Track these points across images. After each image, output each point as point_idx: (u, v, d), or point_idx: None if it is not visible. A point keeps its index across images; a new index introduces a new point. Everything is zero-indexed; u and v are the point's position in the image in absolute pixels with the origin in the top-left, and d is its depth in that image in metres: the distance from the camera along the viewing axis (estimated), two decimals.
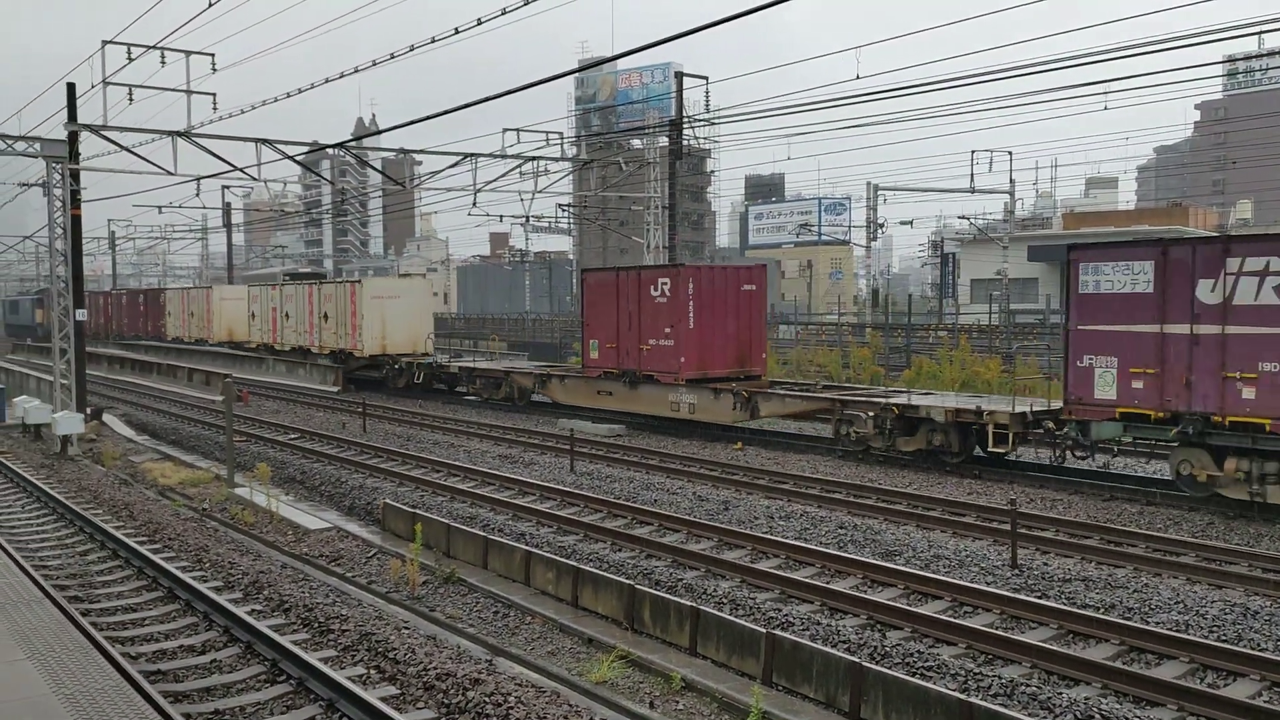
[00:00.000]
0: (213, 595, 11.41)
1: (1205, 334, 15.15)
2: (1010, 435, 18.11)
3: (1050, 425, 17.68)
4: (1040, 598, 11.37)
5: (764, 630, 9.78)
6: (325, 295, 40.03)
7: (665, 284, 25.26)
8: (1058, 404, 17.57)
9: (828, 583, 12.16)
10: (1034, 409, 18.22)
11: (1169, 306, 15.59)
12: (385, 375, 36.22)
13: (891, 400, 20.61)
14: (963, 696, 8.17)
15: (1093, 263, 16.50)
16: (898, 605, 11.03)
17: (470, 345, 54.10)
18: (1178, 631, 10.21)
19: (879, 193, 51.26)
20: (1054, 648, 9.69)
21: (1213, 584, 11.98)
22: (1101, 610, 10.95)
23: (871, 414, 20.32)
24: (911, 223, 57.53)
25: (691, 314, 24.66)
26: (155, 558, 13.16)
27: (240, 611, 10.81)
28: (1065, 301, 17.38)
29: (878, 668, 8.91)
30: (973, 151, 47.32)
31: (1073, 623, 10.41)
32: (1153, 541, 13.55)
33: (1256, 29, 23.28)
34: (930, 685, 8.48)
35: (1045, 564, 12.87)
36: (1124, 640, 9.98)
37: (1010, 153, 49.52)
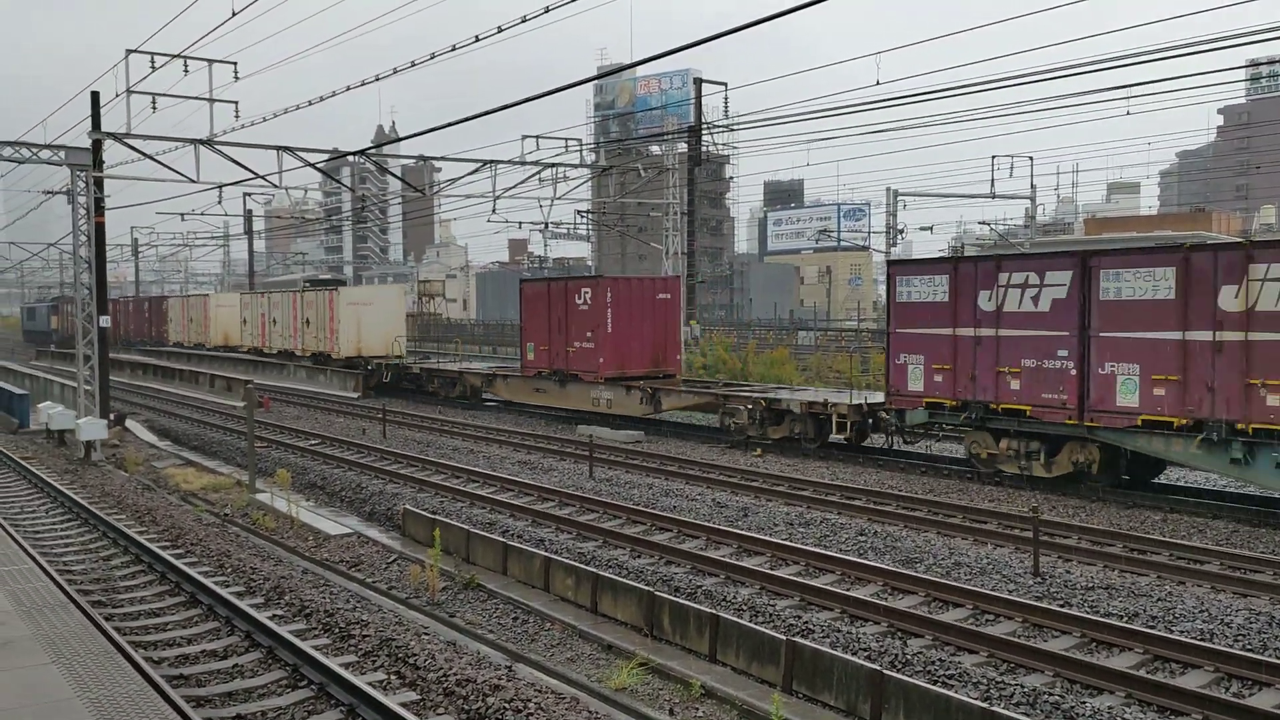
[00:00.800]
0: (234, 600, 11.47)
1: (985, 336, 18.45)
2: (849, 424, 21.44)
3: (883, 415, 20.89)
4: (1063, 606, 11.29)
5: (784, 637, 9.75)
6: (307, 302, 43.29)
7: (587, 293, 28.29)
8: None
9: (848, 590, 12.12)
10: (869, 401, 21.51)
11: (959, 313, 18.84)
12: (360, 374, 38.13)
13: (762, 395, 23.93)
14: (985, 705, 8.12)
15: (907, 275, 20.02)
16: (919, 613, 10.98)
17: (491, 351, 54.34)
18: (1202, 640, 10.12)
19: (899, 198, 51.15)
20: (1077, 656, 9.62)
21: (1237, 592, 11.87)
22: (1124, 619, 10.87)
23: (747, 407, 23.68)
24: (932, 228, 57.42)
25: (609, 320, 27.64)
26: (178, 563, 13.24)
27: (262, 616, 10.87)
28: (888, 309, 20.67)
29: (899, 676, 8.87)
30: (993, 156, 47.22)
31: (1096, 631, 10.34)
32: (1176, 549, 13.44)
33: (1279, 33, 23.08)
34: (952, 694, 8.43)
35: (1068, 572, 12.79)
36: (1148, 649, 9.90)
37: (1031, 158, 49.42)
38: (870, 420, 21.57)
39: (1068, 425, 17.25)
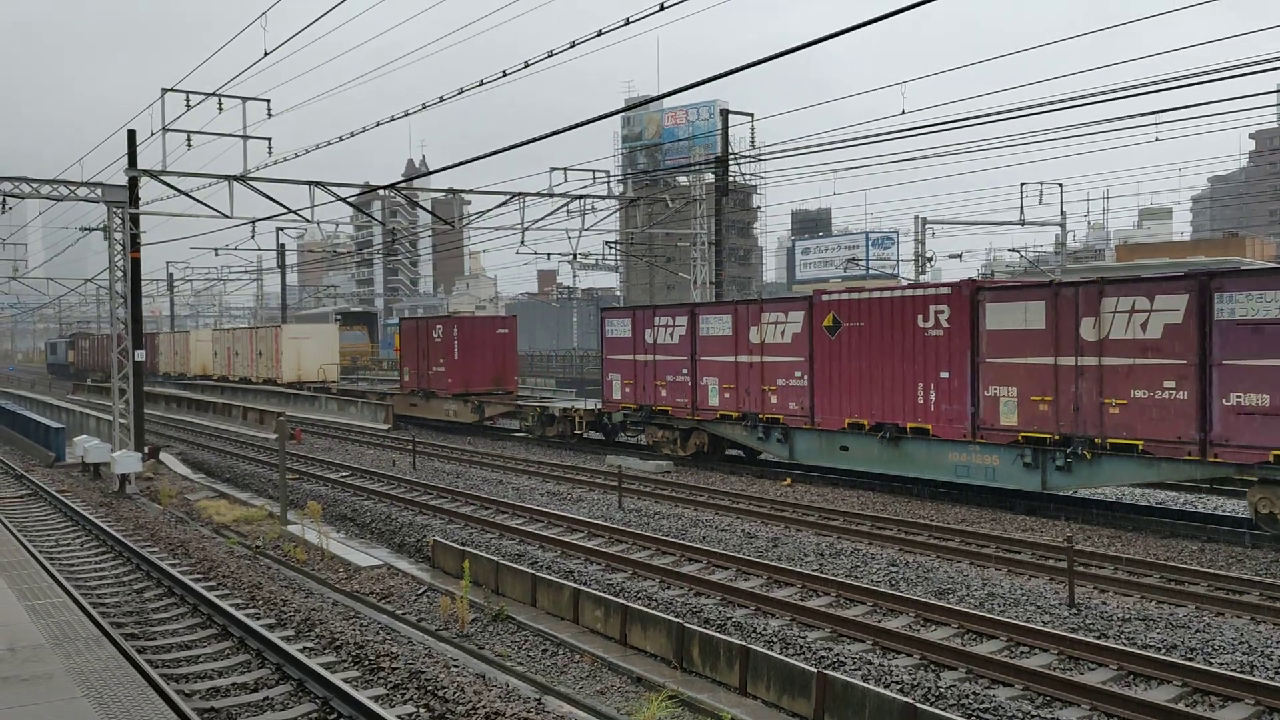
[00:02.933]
0: (265, 633, 11.51)
1: (660, 360, 26.44)
2: (585, 423, 29.95)
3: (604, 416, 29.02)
4: (1099, 637, 11.12)
5: (815, 669, 9.65)
6: (260, 337, 52.62)
7: (440, 329, 36.84)
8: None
9: (879, 621, 12.00)
10: (599, 407, 29.06)
11: (637, 346, 27.29)
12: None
13: (540, 404, 32.25)
14: None
15: (609, 318, 28.60)
16: (952, 645, 10.84)
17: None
18: (1242, 673, 9.93)
19: (927, 226, 50.98)
20: (1114, 689, 9.46)
21: (1278, 624, 11.64)
22: (1162, 650, 10.69)
23: (533, 413, 31.92)
24: (961, 256, 56.79)
25: (455, 350, 36.18)
26: (210, 595, 13.32)
27: (292, 649, 10.89)
28: (600, 345, 29.24)
29: (932, 709, 8.75)
30: (1022, 183, 46.90)
31: (1133, 663, 10.17)
32: (1214, 580, 13.21)
33: None
34: None
35: (1104, 603, 12.60)
36: (1186, 681, 9.72)
37: (1061, 184, 49.01)
38: (601, 419, 29.34)
39: (690, 420, 25.71)
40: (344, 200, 30.04)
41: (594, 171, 36.33)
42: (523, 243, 36.64)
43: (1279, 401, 14.75)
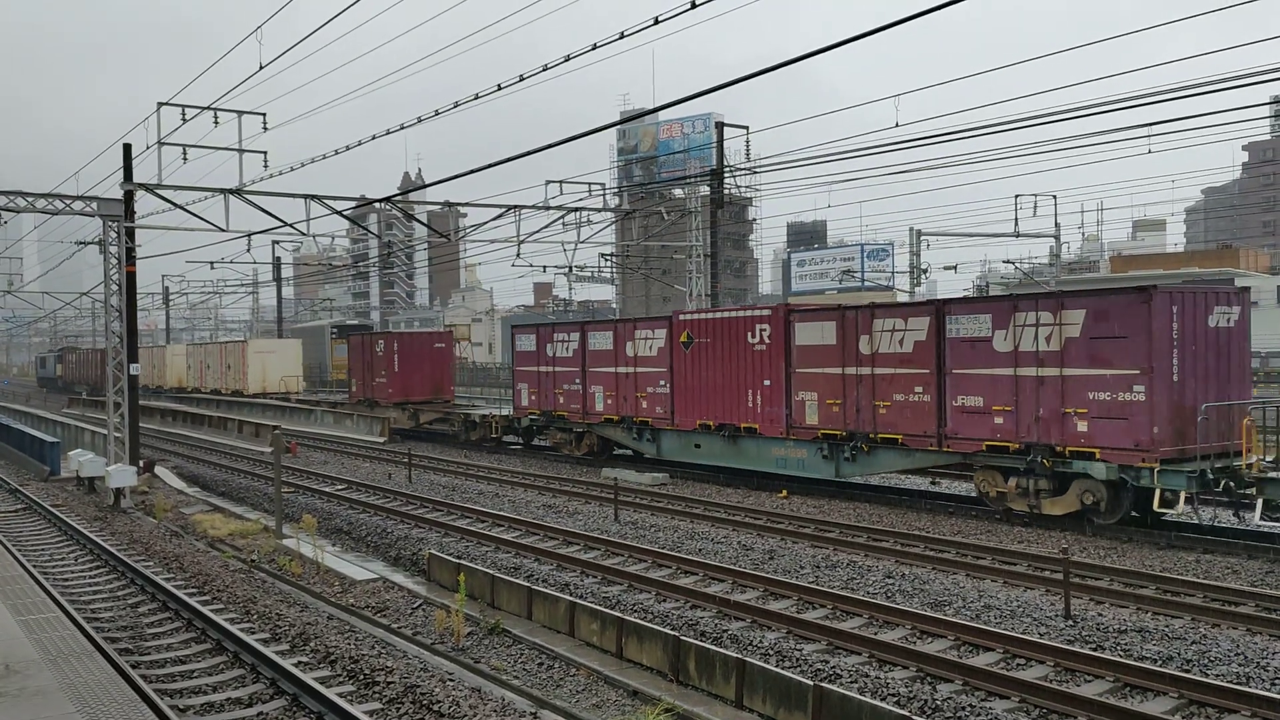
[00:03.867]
0: (260, 647, 11.47)
1: (559, 371, 30.14)
2: (500, 427, 34.13)
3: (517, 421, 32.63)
4: (1095, 649, 11.12)
5: (811, 682, 9.63)
6: (228, 351, 57.56)
7: (381, 344, 41.16)
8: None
9: (876, 634, 11.98)
10: (511, 413, 33.04)
11: (540, 359, 30.95)
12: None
13: (466, 411, 36.57)
14: None
15: (518, 334, 32.58)
16: (948, 657, 10.83)
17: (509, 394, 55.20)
18: (1238, 684, 9.93)
19: (922, 238, 51.10)
20: (1111, 701, 9.45)
21: (1274, 635, 11.64)
22: (1159, 662, 10.68)
23: (459, 419, 36.04)
24: (956, 267, 56.91)
25: (396, 363, 40.14)
26: (204, 609, 13.27)
27: (287, 664, 10.86)
28: (512, 356, 33.02)
29: None
30: (1016, 195, 47.11)
31: (1129, 675, 10.16)
32: (1210, 591, 13.21)
33: None
34: None
35: (1100, 614, 12.59)
36: (1183, 693, 9.71)
37: (1055, 196, 49.23)
38: (513, 424, 33.06)
39: (583, 423, 29.14)
40: (340, 213, 30.06)
41: (590, 184, 36.39)
42: (519, 255, 36.65)
43: (988, 402, 18.56)
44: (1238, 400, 17.21)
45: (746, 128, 37.43)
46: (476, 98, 18.33)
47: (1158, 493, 16.33)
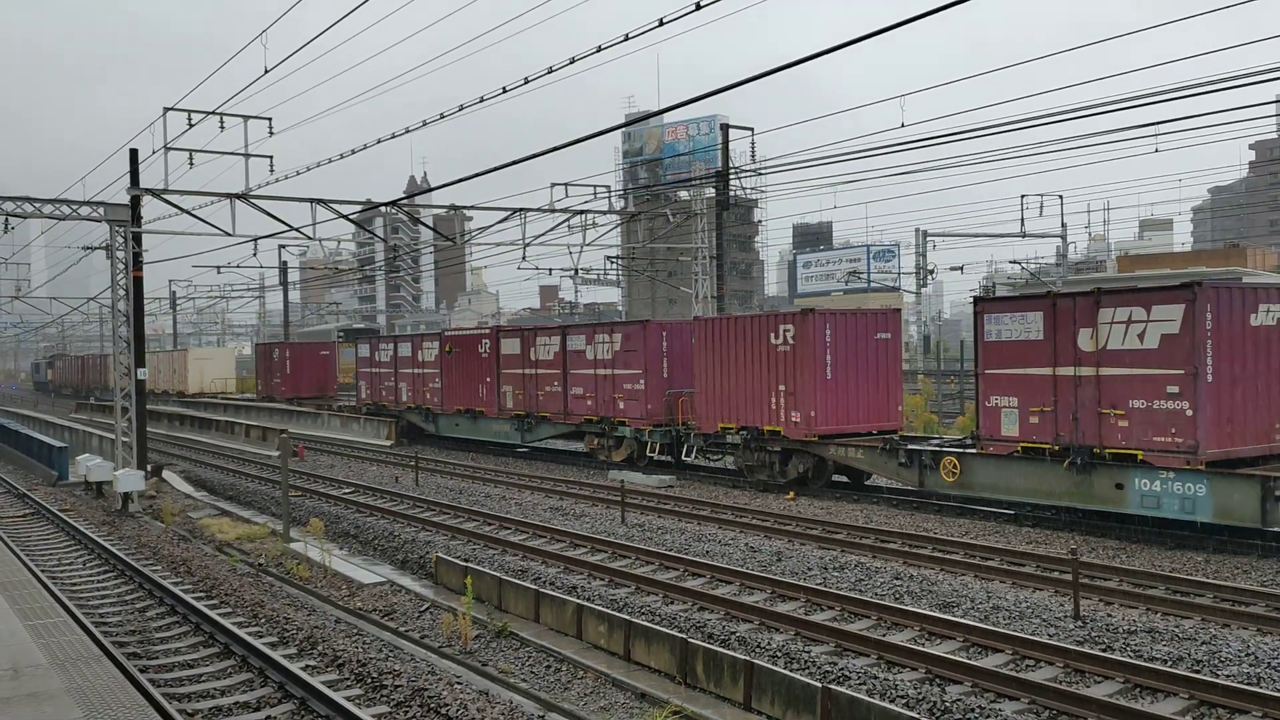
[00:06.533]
0: (267, 651, 11.48)
1: (379, 371, 39.87)
2: (349, 411, 42.54)
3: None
4: (1105, 650, 11.07)
5: (820, 684, 9.61)
6: (174, 358, 69.51)
7: (277, 351, 53.42)
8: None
9: (884, 635, 11.95)
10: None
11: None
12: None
13: (336, 402, 44.19)
14: None
15: (358, 344, 42.70)
16: (957, 658, 10.79)
17: None
18: (1249, 684, 9.87)
19: (928, 239, 50.99)
20: (1121, 702, 9.40)
21: None
22: (1169, 663, 10.63)
23: (329, 406, 42.57)
24: (962, 268, 56.78)
25: (289, 366, 51.94)
26: (212, 614, 13.28)
27: (295, 667, 10.86)
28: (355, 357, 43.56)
29: None
30: (1022, 195, 46.93)
31: (1139, 676, 10.12)
32: (1220, 591, 13.15)
33: None
34: None
35: (1109, 615, 12.54)
36: (1193, 694, 9.67)
37: (1061, 196, 49.04)
38: (359, 410, 41.89)
39: (395, 409, 39.22)
40: (346, 218, 30.10)
41: (595, 187, 36.42)
42: (524, 258, 36.67)
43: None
44: None
45: (751, 129, 37.45)
46: (482, 100, 18.34)
47: None
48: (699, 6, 12.87)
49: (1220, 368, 15.80)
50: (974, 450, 18.84)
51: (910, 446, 20.18)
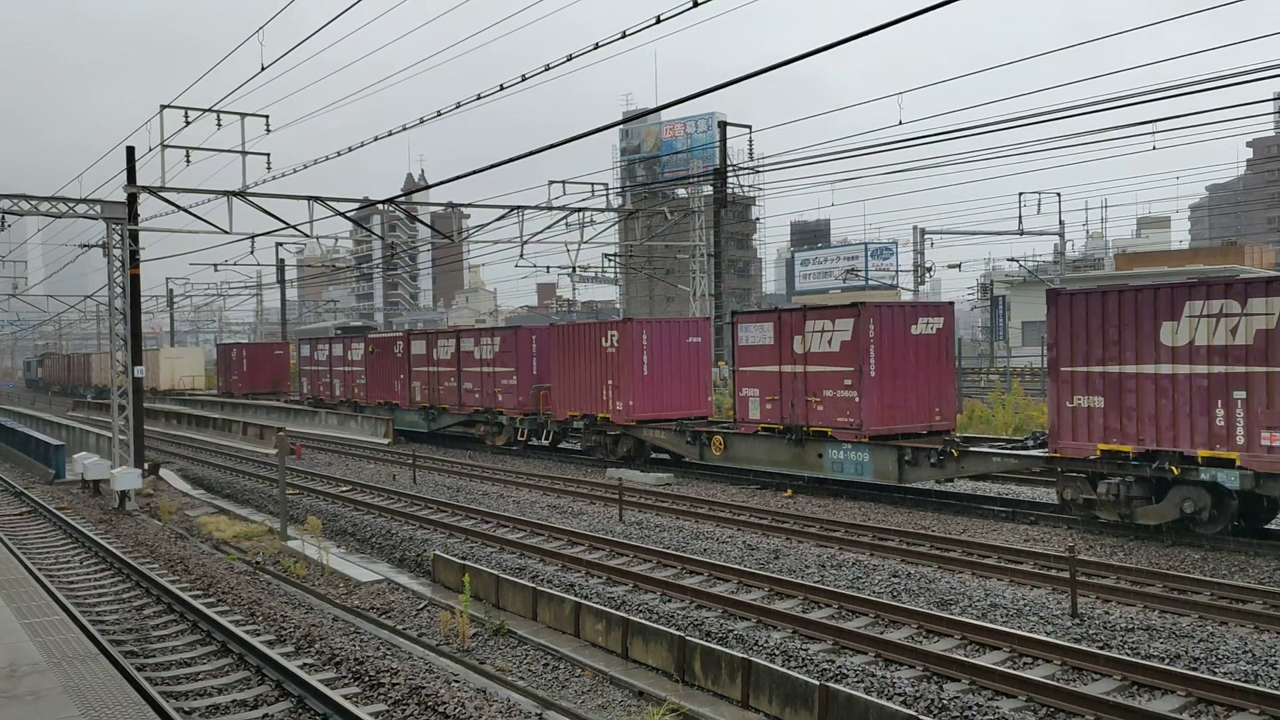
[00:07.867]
0: (264, 649, 11.46)
1: (317, 369, 46.44)
2: (293, 402, 46.95)
3: None
4: (1102, 648, 11.07)
5: (818, 682, 9.60)
6: (146, 356, 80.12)
7: (235, 351, 59.68)
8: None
9: (882, 633, 11.95)
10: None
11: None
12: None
13: (288, 395, 48.02)
14: None
15: (301, 343, 49.86)
16: (955, 656, 10.79)
17: None
18: (1246, 682, 9.88)
19: (926, 236, 51.00)
20: (1118, 700, 9.41)
21: None
22: (1166, 660, 10.64)
23: (283, 398, 49.10)
24: (960, 266, 56.72)
25: (245, 364, 57.62)
26: (209, 612, 13.27)
27: (292, 665, 10.85)
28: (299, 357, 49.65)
29: None
30: (1020, 193, 46.99)
31: (1137, 674, 10.12)
32: (1217, 589, 13.16)
33: None
34: None
35: (1106, 613, 12.55)
36: (1190, 691, 9.67)
37: (1059, 194, 49.09)
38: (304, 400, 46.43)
39: (331, 400, 43.71)
40: (343, 215, 30.07)
41: (593, 184, 36.40)
42: (522, 256, 36.68)
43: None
44: None
45: (749, 127, 37.48)
46: (479, 98, 18.32)
47: None
48: (696, 4, 12.85)
49: (882, 366, 20.76)
50: (732, 431, 24.05)
51: (694, 429, 25.28)
